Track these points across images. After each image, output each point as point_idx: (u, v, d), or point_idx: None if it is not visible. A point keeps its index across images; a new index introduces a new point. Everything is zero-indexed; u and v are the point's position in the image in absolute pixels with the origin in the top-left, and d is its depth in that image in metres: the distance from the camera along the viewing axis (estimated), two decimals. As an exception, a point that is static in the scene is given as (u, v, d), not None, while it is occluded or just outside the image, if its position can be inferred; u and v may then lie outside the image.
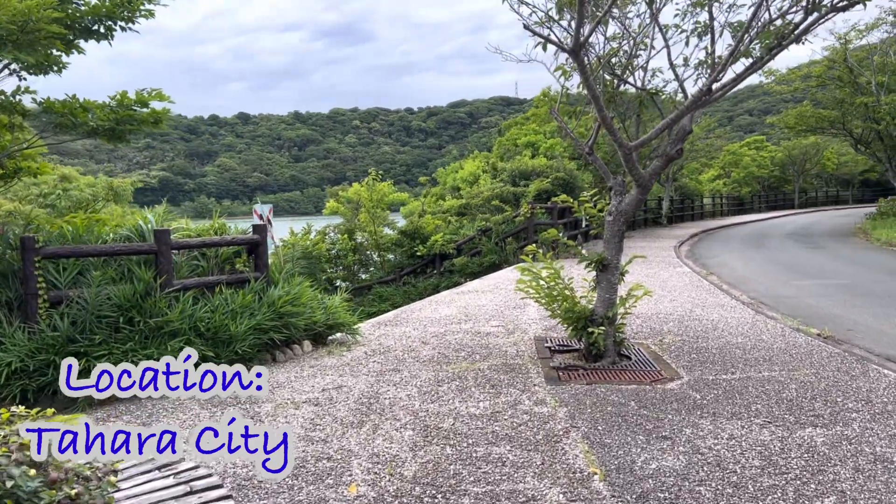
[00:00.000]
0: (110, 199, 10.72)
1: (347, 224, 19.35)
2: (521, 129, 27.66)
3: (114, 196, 10.77)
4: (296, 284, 7.95)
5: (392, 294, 18.03)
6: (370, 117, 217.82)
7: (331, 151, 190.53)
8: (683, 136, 6.10)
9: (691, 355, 7.06)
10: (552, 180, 20.00)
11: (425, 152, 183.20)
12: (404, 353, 7.52)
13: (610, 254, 6.65)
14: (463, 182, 23.76)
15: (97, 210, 10.94)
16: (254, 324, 7.01)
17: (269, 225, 8.52)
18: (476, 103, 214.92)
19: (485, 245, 17.74)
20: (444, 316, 9.83)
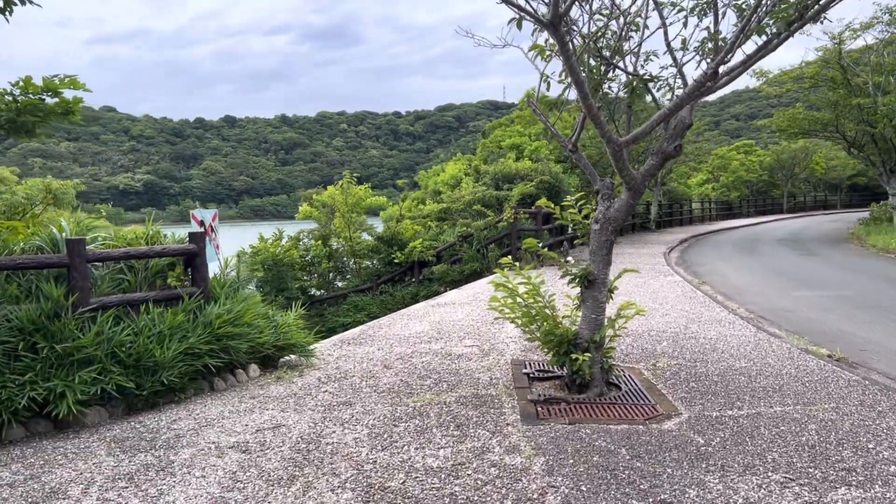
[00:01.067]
0: (49, 203, 9.77)
1: (322, 229, 18.35)
2: (505, 130, 26.78)
3: (53, 199, 9.79)
4: (240, 300, 6.98)
5: (368, 303, 17.07)
6: (358, 121, 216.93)
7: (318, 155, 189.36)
8: (683, 129, 5.20)
9: (689, 383, 6.15)
10: (537, 184, 19.11)
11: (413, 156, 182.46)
12: (362, 379, 6.56)
13: (596, 267, 5.73)
14: (444, 185, 22.80)
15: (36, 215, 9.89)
16: (184, 348, 6.03)
17: (213, 233, 7.55)
18: (464, 107, 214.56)
19: (466, 252, 16.82)
20: (414, 333, 8.88)
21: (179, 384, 6.00)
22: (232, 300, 6.99)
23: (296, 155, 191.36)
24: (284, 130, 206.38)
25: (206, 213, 7.31)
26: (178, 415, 5.62)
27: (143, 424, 5.40)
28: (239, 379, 6.76)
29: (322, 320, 17.27)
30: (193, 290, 6.61)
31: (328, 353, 7.86)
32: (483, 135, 31.23)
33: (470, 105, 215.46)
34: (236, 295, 7.10)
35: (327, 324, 17.01)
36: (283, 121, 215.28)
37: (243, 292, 7.42)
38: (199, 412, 5.67)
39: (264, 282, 17.01)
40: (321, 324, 17.12)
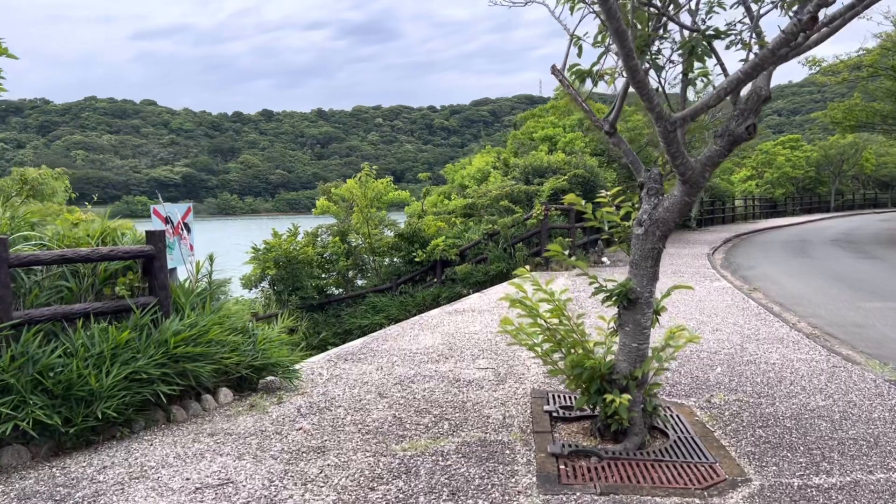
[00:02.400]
0: (27, 195, 8.82)
1: (340, 225, 17.27)
2: (538, 121, 25.38)
3: (30, 191, 8.84)
4: (209, 312, 5.87)
5: (387, 304, 15.95)
6: (393, 115, 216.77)
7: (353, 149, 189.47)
8: (758, 104, 3.92)
9: (756, 430, 4.85)
10: (570, 178, 17.76)
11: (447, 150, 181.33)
12: (349, 412, 5.40)
13: (639, 283, 4.47)
14: (470, 179, 21.51)
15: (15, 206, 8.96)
16: (129, 372, 4.94)
17: (186, 231, 6.46)
18: (499, 101, 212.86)
19: (491, 251, 15.58)
20: (422, 348, 7.70)
21: (122, 417, 4.92)
22: (200, 312, 5.88)
23: (331, 149, 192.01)
24: (321, 124, 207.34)
25: (173, 209, 6.21)
26: (114, 458, 4.53)
27: (65, 472, 4.32)
28: (205, 406, 5.66)
29: (339, 321, 16.22)
30: (149, 299, 5.51)
31: (318, 373, 6.73)
32: (514, 126, 29.84)
33: (505, 99, 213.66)
34: (206, 306, 5.99)
35: (344, 325, 15.95)
36: (319, 115, 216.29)
37: (217, 302, 6.31)
38: (140, 455, 4.57)
39: (277, 280, 16.01)
40: (337, 325, 16.08)
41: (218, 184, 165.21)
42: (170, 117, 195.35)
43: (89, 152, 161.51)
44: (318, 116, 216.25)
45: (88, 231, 5.80)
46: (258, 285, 16.61)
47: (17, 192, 8.68)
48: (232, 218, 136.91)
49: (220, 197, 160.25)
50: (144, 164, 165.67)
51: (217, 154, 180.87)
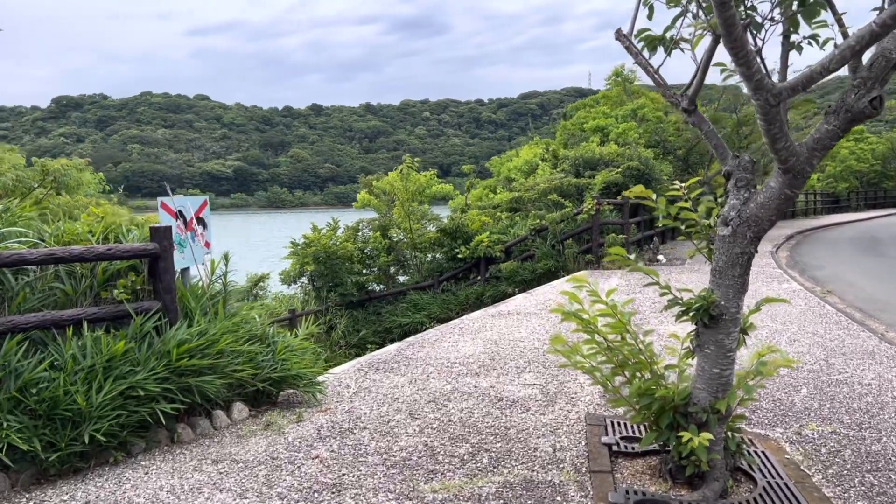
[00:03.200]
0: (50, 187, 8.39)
1: (381, 219, 16.64)
2: (589, 112, 24.30)
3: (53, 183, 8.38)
4: (222, 318, 5.24)
5: (429, 303, 15.27)
6: (440, 109, 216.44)
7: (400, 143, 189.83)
8: (887, 70, 3.05)
9: (865, 474, 3.97)
10: (623, 171, 16.76)
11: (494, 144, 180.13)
12: (374, 436, 4.70)
13: (724, 295, 3.64)
14: (517, 172, 20.62)
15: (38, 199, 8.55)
16: (124, 388, 4.33)
17: (201, 227, 5.85)
18: (548, 94, 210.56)
19: (539, 248, 14.73)
20: (462, 357, 6.96)
21: (118, 439, 4.32)
22: (211, 318, 5.26)
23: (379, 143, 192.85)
24: (369, 118, 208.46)
25: (185, 202, 5.60)
26: (99, 490, 3.92)
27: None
28: (216, 423, 5.04)
29: (379, 319, 15.62)
30: (152, 304, 4.90)
31: (346, 384, 6.05)
32: (564, 116, 28.79)
33: (554, 92, 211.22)
34: (219, 310, 5.36)
35: (384, 323, 15.35)
36: (367, 109, 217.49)
37: (233, 305, 5.68)
38: (130, 487, 3.95)
39: (316, 276, 15.49)
40: (377, 323, 15.48)
41: (268, 177, 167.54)
42: (222, 112, 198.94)
43: (144, 146, 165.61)
44: (367, 110, 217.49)
45: (91, 227, 5.22)
46: (297, 281, 16.14)
47: (38, 183, 8.25)
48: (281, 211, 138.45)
49: (271, 190, 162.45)
50: (197, 158, 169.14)
51: (268, 148, 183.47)
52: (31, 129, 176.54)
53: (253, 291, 16.52)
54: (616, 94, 26.19)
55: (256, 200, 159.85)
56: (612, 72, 26.29)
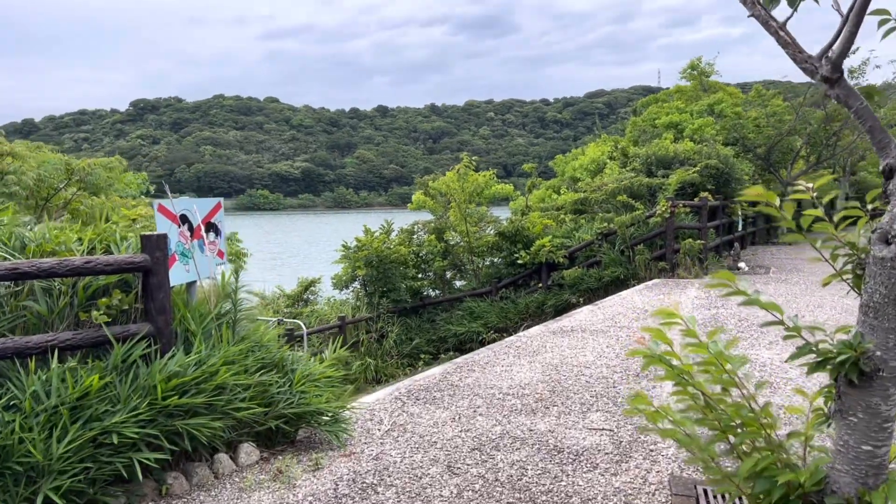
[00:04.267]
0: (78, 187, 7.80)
1: (437, 222, 15.75)
2: (661, 107, 22.80)
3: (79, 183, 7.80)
4: (225, 346, 4.41)
5: (486, 311, 14.30)
6: (505, 109, 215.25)
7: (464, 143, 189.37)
8: None
9: None
10: (701, 170, 15.38)
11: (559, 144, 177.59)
12: (401, 498, 3.78)
13: (882, 343, 2.55)
14: (583, 171, 19.35)
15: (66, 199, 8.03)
16: (96, 434, 3.54)
17: (214, 234, 5.05)
18: (615, 93, 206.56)
19: (606, 253, 13.56)
20: (516, 386, 5.97)
21: (85, 498, 3.53)
22: (215, 343, 4.44)
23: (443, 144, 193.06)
24: (433, 119, 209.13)
25: (191, 205, 4.80)
26: (52, 567, 3.12)
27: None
28: (218, 470, 4.21)
29: (433, 327, 14.76)
30: (141, 327, 4.11)
31: (378, 419, 5.16)
32: (634, 112, 27.27)
33: (621, 91, 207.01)
34: (225, 333, 4.53)
35: (438, 331, 14.48)
36: (432, 110, 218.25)
37: (245, 326, 4.85)
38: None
39: (368, 282, 14.72)
40: (432, 331, 14.61)
41: (335, 178, 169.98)
42: (291, 114, 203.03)
43: (217, 147, 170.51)
44: (431, 111, 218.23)
45: (81, 234, 4.48)
46: (349, 286, 15.42)
47: (64, 183, 7.70)
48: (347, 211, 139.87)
49: (337, 191, 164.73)
50: (267, 159, 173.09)
51: (334, 149, 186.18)
52: (111, 132, 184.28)
53: (304, 296, 15.92)
54: (692, 88, 24.58)
55: (323, 201, 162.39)
56: (688, 64, 24.67)
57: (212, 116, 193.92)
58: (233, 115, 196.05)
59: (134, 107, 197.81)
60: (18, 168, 7.07)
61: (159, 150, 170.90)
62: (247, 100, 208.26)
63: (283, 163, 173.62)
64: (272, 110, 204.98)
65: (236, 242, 9.53)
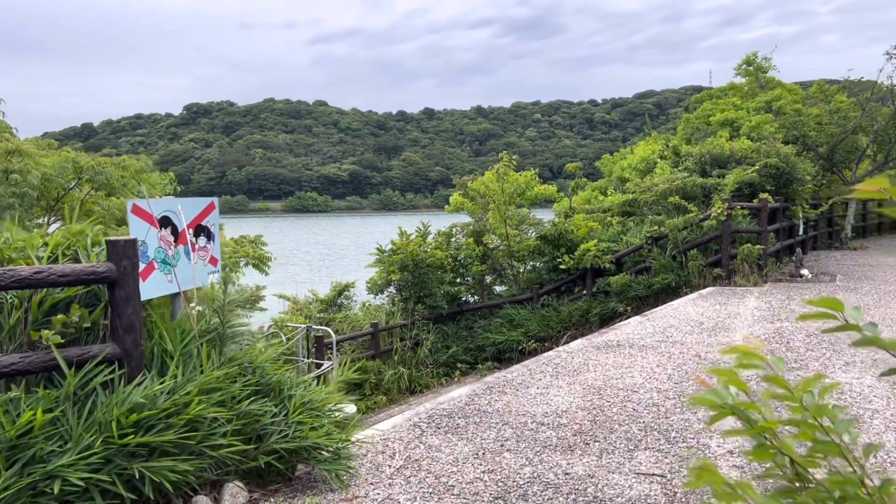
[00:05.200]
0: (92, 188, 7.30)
1: (475, 224, 15.04)
2: (716, 104, 21.61)
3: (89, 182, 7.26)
4: (207, 369, 3.78)
5: (526, 318, 13.52)
6: (552, 110, 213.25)
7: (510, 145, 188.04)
8: None
9: None
10: (759, 169, 14.31)
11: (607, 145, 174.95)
12: (402, 564, 3.08)
13: None
14: (631, 171, 18.36)
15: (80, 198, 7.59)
16: (31, 482, 2.94)
17: (205, 239, 4.44)
18: (665, 93, 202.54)
19: (656, 259, 12.64)
20: (553, 412, 5.21)
21: (19, 556, 2.93)
22: (195, 366, 3.82)
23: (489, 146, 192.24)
24: (479, 121, 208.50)
25: (174, 205, 4.19)
26: None
27: None
28: (196, 516, 3.58)
29: (471, 335, 14.05)
30: (103, 348, 3.50)
31: (391, 451, 4.47)
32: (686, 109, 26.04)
33: (671, 91, 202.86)
34: (210, 354, 3.91)
35: (476, 339, 13.76)
36: (478, 112, 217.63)
37: (235, 344, 4.22)
38: None
39: (403, 286, 14.10)
40: (469, 339, 13.90)
41: (381, 181, 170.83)
42: (339, 117, 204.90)
43: (267, 150, 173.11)
44: (478, 113, 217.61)
45: (46, 240, 3.91)
46: (384, 290, 14.82)
47: (74, 182, 7.26)
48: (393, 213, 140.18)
49: (384, 193, 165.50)
50: (315, 162, 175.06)
51: (381, 152, 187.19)
52: (165, 135, 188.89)
53: (337, 301, 15.39)
54: (747, 84, 23.30)
55: (370, 203, 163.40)
56: (743, 60, 23.39)
57: (262, 120, 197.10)
58: (283, 119, 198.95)
59: (187, 110, 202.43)
60: (24, 166, 6.66)
61: (211, 152, 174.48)
62: (296, 103, 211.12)
63: (330, 165, 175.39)
64: (321, 113, 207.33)
65: (261, 246, 9.03)
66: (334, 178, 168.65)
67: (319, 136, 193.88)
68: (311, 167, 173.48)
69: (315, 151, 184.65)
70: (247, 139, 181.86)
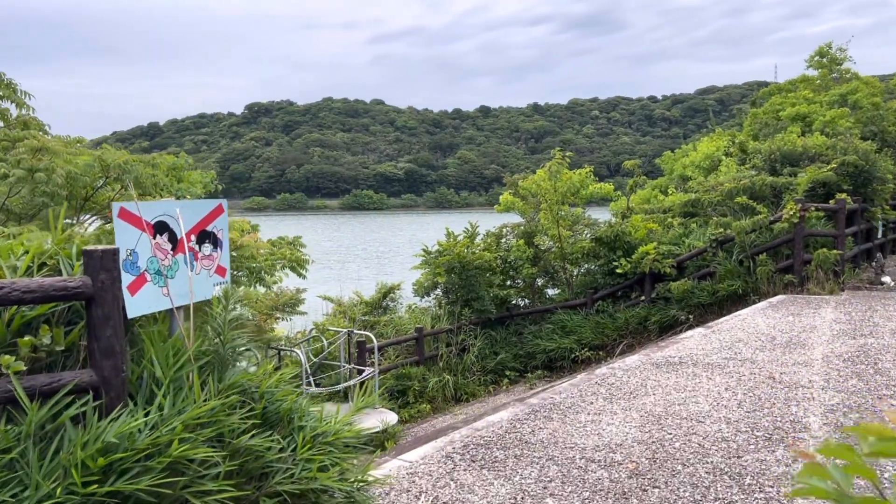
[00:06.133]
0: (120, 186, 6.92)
1: (526, 225, 14.35)
2: (786, 97, 20.33)
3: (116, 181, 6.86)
4: (199, 399, 3.28)
5: (579, 325, 12.80)
6: (609, 107, 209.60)
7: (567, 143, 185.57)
8: None
9: None
10: (836, 167, 13.20)
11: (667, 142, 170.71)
12: None
13: None
14: (694, 169, 17.31)
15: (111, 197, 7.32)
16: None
17: (211, 246, 3.95)
18: (727, 89, 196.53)
19: (721, 263, 11.73)
20: (605, 446, 4.56)
21: None
22: (185, 396, 3.32)
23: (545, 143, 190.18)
24: (536, 119, 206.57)
25: (172, 208, 3.71)
26: None
27: None
28: (183, 568, 3.08)
29: (520, 341, 13.41)
30: (77, 376, 3.04)
31: (417, 489, 3.91)
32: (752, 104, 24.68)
33: (734, 87, 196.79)
34: (206, 381, 3.41)
35: (526, 346, 13.11)
36: (534, 109, 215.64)
37: (233, 371, 3.71)
38: None
39: (449, 289, 13.54)
40: (519, 345, 13.26)
41: (436, 179, 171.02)
42: (396, 116, 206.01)
43: (325, 149, 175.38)
44: (534, 111, 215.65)
45: (29, 246, 3.48)
46: (430, 293, 14.30)
47: (102, 182, 6.96)
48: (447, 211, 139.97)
49: (438, 191, 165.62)
50: (371, 160, 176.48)
51: (437, 150, 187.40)
52: (227, 134, 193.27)
53: (382, 303, 14.94)
54: (820, 77, 21.88)
55: (425, 201, 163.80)
56: (816, 51, 21.96)
57: (321, 119, 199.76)
58: (340, 118, 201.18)
59: (249, 110, 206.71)
60: (49, 165, 6.37)
61: (271, 151, 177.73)
62: (354, 102, 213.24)
63: (386, 164, 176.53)
64: (378, 112, 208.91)
65: (299, 248, 8.63)
66: (390, 176, 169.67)
67: (376, 135, 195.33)
68: (367, 165, 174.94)
69: (371, 150, 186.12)
70: (306, 138, 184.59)
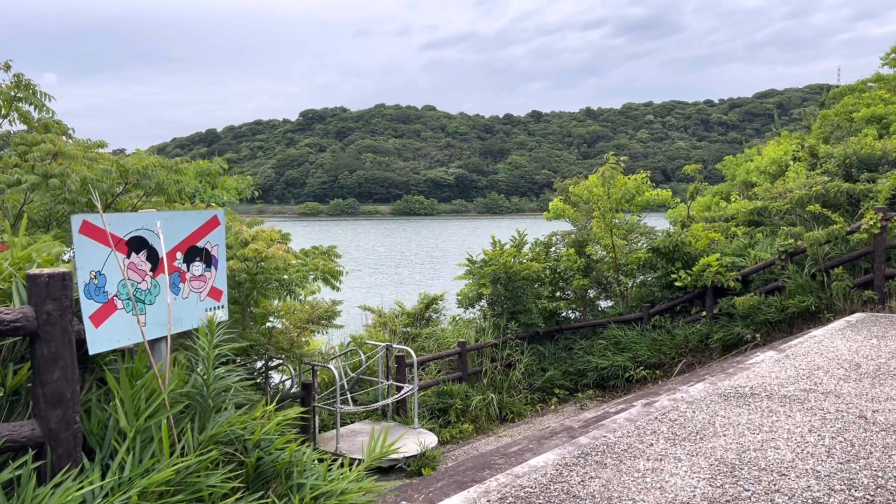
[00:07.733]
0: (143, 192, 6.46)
1: (577, 233, 13.54)
2: (860, 98, 18.97)
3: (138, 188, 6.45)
4: (177, 452, 2.70)
5: (634, 341, 11.94)
6: (665, 111, 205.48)
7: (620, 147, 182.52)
8: None
9: None
10: (921, 172, 12.01)
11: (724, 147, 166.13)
12: None
13: None
14: (759, 175, 16.15)
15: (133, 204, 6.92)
16: None
17: (203, 265, 3.38)
18: (788, 92, 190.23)
19: (791, 277, 10.72)
20: (669, 503, 3.82)
21: None
22: (155, 450, 2.74)
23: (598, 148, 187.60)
24: (588, 123, 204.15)
25: (152, 221, 3.15)
26: None
27: None
28: None
29: (570, 357, 12.61)
30: (14, 430, 2.48)
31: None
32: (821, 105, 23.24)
33: (795, 90, 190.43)
34: (164, 430, 2.83)
35: (576, 363, 12.31)
36: (587, 114, 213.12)
37: (219, 418, 3.12)
38: None
39: (494, 301, 12.84)
40: (569, 362, 12.45)
41: (487, 184, 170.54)
42: (447, 121, 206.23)
43: (377, 155, 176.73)
44: (586, 115, 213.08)
45: None
46: (475, 304, 13.64)
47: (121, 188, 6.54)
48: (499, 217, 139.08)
49: (489, 196, 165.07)
50: (423, 166, 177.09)
51: (487, 155, 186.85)
52: (282, 140, 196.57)
53: (425, 315, 14.33)
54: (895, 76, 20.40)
55: (475, 206, 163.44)
56: (892, 48, 20.49)
57: (373, 125, 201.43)
58: (392, 124, 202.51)
59: (303, 117, 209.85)
60: (63, 170, 6.01)
61: (325, 157, 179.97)
62: (406, 108, 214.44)
63: (437, 169, 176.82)
64: (429, 118, 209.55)
65: (333, 258, 8.10)
66: (440, 181, 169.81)
67: (427, 141, 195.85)
68: (418, 171, 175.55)
69: (423, 155, 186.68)
70: (358, 144, 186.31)
